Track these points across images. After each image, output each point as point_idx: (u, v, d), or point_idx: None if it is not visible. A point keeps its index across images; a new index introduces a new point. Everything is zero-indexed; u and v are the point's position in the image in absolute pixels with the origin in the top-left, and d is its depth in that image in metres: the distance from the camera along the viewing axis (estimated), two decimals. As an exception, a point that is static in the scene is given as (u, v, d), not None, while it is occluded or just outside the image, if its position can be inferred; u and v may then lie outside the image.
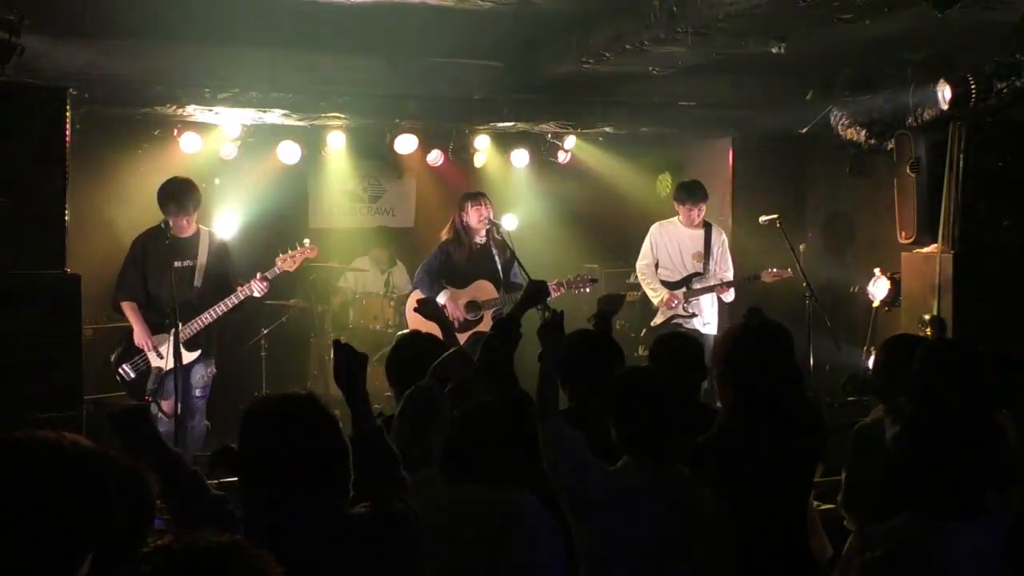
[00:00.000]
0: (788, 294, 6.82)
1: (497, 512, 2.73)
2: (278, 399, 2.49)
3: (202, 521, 2.32)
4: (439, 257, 6.71)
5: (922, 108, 6.37)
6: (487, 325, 6.48)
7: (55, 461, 1.58)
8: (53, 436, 1.61)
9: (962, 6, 4.32)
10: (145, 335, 5.85)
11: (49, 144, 4.44)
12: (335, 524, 2.32)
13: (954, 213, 5.86)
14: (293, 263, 6.20)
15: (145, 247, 5.96)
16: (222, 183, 8.10)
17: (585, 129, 8.31)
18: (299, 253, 6.22)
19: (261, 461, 2.33)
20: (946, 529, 2.51)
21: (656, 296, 7.15)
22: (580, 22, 5.70)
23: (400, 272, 8.51)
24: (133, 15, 5.55)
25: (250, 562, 1.37)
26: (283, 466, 2.30)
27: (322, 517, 2.30)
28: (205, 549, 1.37)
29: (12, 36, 4.45)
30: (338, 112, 7.20)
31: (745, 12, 4.62)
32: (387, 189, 9.23)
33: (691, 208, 7.09)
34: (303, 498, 2.29)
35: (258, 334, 7.67)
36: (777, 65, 6.15)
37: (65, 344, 4.44)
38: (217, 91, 6.61)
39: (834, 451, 3.96)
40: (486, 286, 6.65)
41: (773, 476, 3.20)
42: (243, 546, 1.39)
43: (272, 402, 2.51)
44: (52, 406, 4.24)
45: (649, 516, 2.81)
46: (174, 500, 2.47)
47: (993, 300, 5.73)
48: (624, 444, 2.92)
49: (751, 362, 3.24)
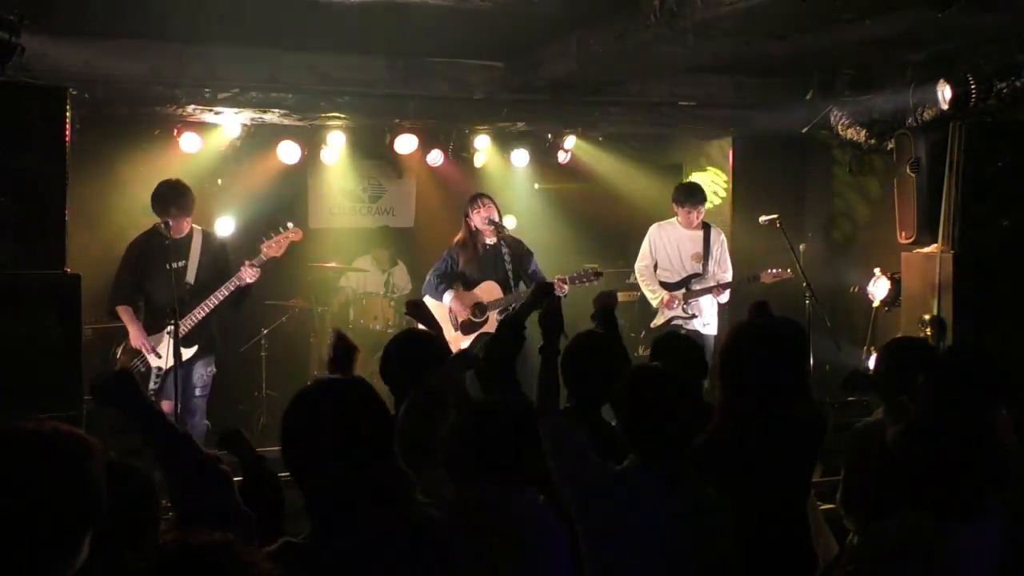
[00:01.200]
0: (788, 294, 6.82)
1: (502, 512, 2.72)
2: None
3: (196, 481, 2.32)
4: (447, 261, 6.73)
5: (922, 108, 6.37)
6: (493, 326, 6.49)
7: (33, 447, 1.58)
8: (32, 425, 1.62)
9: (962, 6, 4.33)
10: (141, 337, 5.85)
11: (49, 144, 4.44)
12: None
13: (954, 213, 5.86)
14: (279, 248, 6.07)
15: (141, 251, 5.96)
16: (222, 183, 8.10)
17: (585, 129, 8.31)
18: (283, 237, 6.07)
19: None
20: (945, 529, 2.51)
21: (655, 297, 7.14)
22: (580, 22, 5.69)
23: (400, 272, 8.52)
24: (133, 15, 5.54)
25: (242, 559, 1.38)
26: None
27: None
28: (198, 547, 1.37)
29: (12, 36, 4.45)
30: (338, 112, 7.20)
31: (745, 12, 4.62)
32: (387, 189, 9.24)
33: (689, 210, 7.08)
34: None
35: (258, 334, 7.67)
36: (777, 65, 6.15)
37: (65, 344, 4.44)
38: (217, 91, 6.61)
39: (834, 451, 3.97)
40: (493, 288, 6.65)
41: (771, 474, 3.20)
42: (235, 543, 1.39)
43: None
44: (52, 406, 4.23)
45: (656, 517, 2.79)
46: (167, 461, 2.42)
47: (993, 300, 5.74)
48: (632, 443, 2.91)
49: (753, 359, 3.24)
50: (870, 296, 6.96)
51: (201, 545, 1.38)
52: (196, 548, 1.37)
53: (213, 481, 2.34)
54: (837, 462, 4.31)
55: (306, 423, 2.24)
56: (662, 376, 3.06)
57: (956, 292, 5.80)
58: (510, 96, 7.21)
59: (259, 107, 6.93)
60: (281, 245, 6.08)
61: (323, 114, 7.27)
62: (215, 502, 2.34)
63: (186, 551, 1.37)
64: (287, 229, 6.10)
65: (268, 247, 6.05)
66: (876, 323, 7.06)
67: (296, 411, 2.26)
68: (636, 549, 2.80)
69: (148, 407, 2.51)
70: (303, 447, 2.22)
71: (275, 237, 6.07)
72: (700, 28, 4.92)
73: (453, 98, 7.17)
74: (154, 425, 2.43)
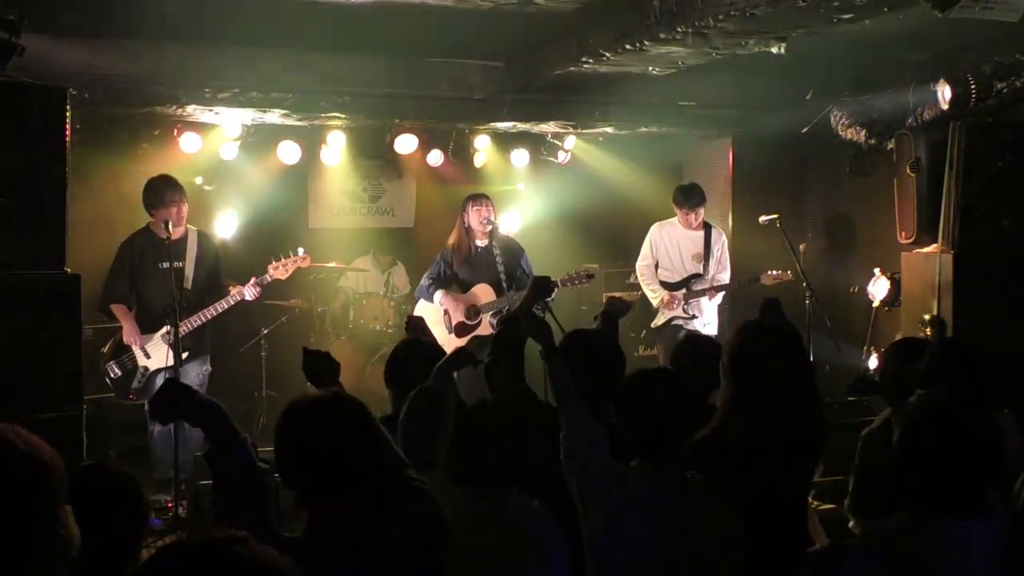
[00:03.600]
0: (788, 294, 6.80)
1: (501, 515, 2.72)
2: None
3: (245, 490, 2.36)
4: (439, 265, 6.75)
5: (922, 108, 6.37)
6: (485, 329, 6.50)
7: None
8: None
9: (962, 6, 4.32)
10: (134, 333, 5.89)
11: (49, 144, 4.43)
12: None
13: (954, 213, 5.86)
14: (285, 271, 6.23)
15: (134, 250, 5.98)
16: (222, 183, 8.10)
17: (585, 129, 8.31)
18: (291, 262, 6.25)
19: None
20: (946, 528, 2.51)
21: (655, 297, 7.15)
22: (580, 22, 5.69)
23: (400, 272, 8.52)
24: (133, 15, 5.55)
25: (258, 553, 1.39)
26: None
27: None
28: (213, 542, 1.38)
29: (12, 36, 4.44)
30: (338, 112, 7.20)
31: (745, 12, 4.62)
32: (387, 189, 9.24)
33: (688, 212, 7.09)
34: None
35: (258, 334, 7.67)
36: (777, 65, 6.14)
37: (65, 344, 4.43)
38: (217, 91, 6.61)
39: (834, 451, 3.97)
40: (486, 290, 6.66)
41: (772, 474, 3.19)
42: (249, 540, 1.40)
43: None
44: (52, 406, 4.24)
45: (660, 519, 2.79)
46: (217, 465, 2.44)
47: (993, 300, 5.73)
48: (637, 446, 2.90)
49: (758, 359, 3.24)
50: (870, 296, 6.96)
51: (218, 539, 1.39)
52: (213, 542, 1.38)
53: (253, 492, 2.38)
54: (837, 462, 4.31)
55: (294, 440, 2.36)
56: (668, 378, 3.06)
57: (956, 292, 5.80)
58: (510, 96, 7.21)
59: (259, 107, 6.93)
60: (288, 269, 6.22)
61: (323, 114, 7.27)
62: (251, 513, 2.38)
63: (203, 544, 1.38)
64: (296, 255, 6.22)
65: (275, 268, 6.16)
66: (876, 323, 7.06)
67: (285, 427, 2.38)
68: (637, 552, 2.80)
69: (210, 412, 2.50)
70: (295, 460, 2.34)
71: (284, 260, 6.21)
72: (700, 28, 4.92)
73: (453, 98, 7.17)
74: (213, 426, 2.47)
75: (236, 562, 1.36)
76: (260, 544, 1.41)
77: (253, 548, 1.39)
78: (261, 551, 1.39)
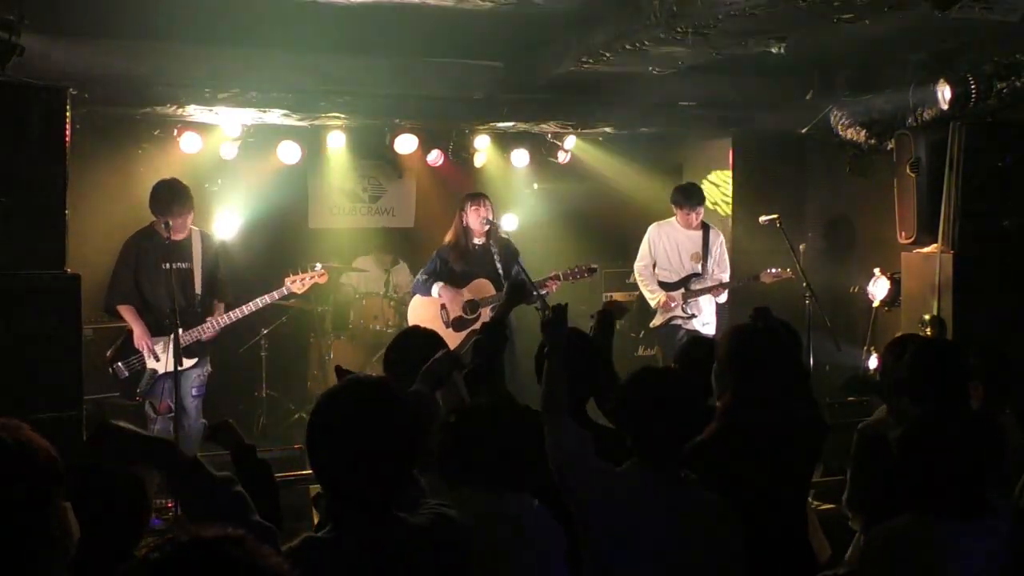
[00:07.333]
0: (788, 294, 6.82)
1: (501, 515, 2.71)
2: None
3: (214, 508, 2.27)
4: (436, 262, 6.75)
5: (922, 108, 6.37)
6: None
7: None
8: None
9: (962, 6, 4.32)
10: (145, 337, 5.86)
11: (49, 144, 4.43)
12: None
13: (954, 213, 5.86)
14: (302, 286, 6.30)
15: (138, 250, 5.97)
16: (222, 183, 8.10)
17: (585, 129, 8.31)
18: (308, 277, 6.31)
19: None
20: (949, 529, 2.51)
21: (653, 298, 7.15)
22: (580, 22, 5.69)
23: (401, 272, 8.52)
24: (133, 15, 5.54)
25: (254, 553, 1.38)
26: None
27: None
28: (210, 540, 1.38)
29: (12, 36, 4.44)
30: (338, 112, 7.20)
31: (745, 12, 4.62)
32: (387, 189, 9.23)
33: (688, 212, 7.09)
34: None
35: (258, 334, 7.67)
36: (777, 65, 6.14)
37: (65, 344, 4.43)
38: (217, 91, 6.60)
39: (834, 451, 3.97)
40: (485, 285, 6.67)
41: (772, 475, 3.20)
42: (246, 538, 1.39)
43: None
44: (52, 406, 4.24)
45: (656, 520, 2.78)
46: (179, 492, 2.40)
47: (993, 300, 5.74)
48: (634, 445, 2.90)
49: (753, 362, 3.24)
50: (870, 296, 6.96)
51: (213, 538, 1.38)
52: (208, 541, 1.37)
53: (227, 506, 2.31)
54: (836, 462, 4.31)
55: (332, 422, 2.24)
56: (665, 379, 3.05)
57: (956, 292, 5.80)
58: (510, 96, 7.21)
59: (259, 107, 6.92)
60: (305, 283, 6.28)
61: (323, 114, 7.27)
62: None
63: (198, 543, 1.37)
64: (315, 270, 6.27)
65: (292, 283, 6.21)
66: (876, 323, 7.06)
67: (324, 410, 2.26)
68: (635, 553, 2.80)
69: (148, 449, 2.41)
70: (329, 445, 2.23)
71: (301, 275, 6.26)
72: (700, 28, 4.92)
73: (453, 98, 7.17)
74: (161, 463, 2.38)
75: (226, 562, 1.35)
76: (259, 544, 1.40)
77: (249, 547, 1.38)
78: (257, 551, 1.38)
